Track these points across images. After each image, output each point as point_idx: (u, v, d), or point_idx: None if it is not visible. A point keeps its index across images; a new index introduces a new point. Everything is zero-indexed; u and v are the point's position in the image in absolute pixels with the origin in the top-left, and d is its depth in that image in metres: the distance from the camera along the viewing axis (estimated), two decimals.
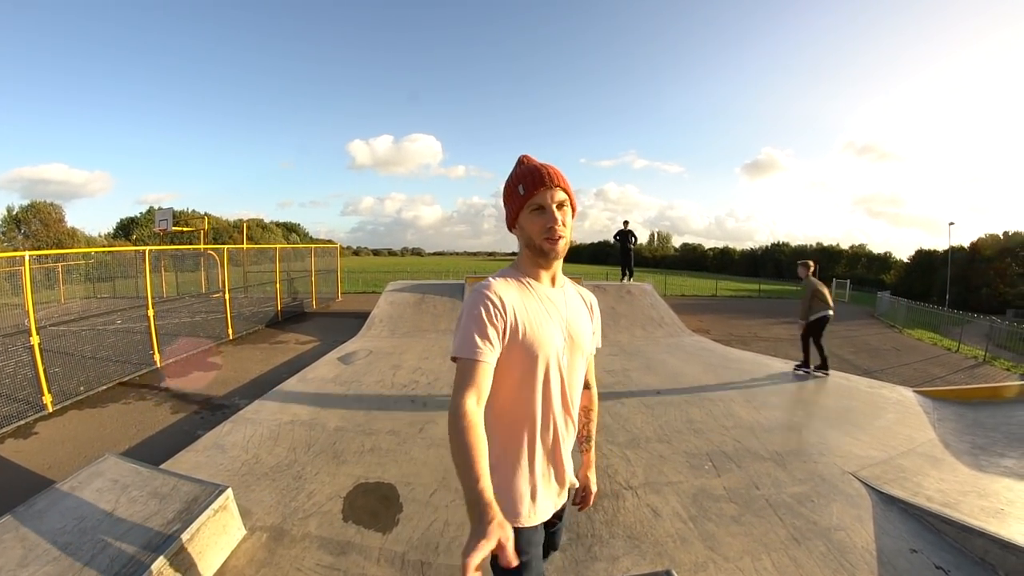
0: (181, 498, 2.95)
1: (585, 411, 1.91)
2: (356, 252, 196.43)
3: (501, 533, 1.20)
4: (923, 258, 52.11)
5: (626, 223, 14.14)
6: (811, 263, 8.15)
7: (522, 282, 1.59)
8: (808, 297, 7.75)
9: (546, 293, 1.60)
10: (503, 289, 1.51)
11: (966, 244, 48.30)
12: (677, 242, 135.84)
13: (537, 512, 1.60)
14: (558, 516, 1.78)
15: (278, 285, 14.37)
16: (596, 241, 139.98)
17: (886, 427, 5.01)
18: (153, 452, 5.16)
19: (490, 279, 1.56)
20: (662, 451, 4.42)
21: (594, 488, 1.94)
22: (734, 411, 5.33)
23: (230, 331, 11.70)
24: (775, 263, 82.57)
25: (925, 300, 23.95)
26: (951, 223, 34.93)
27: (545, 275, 1.63)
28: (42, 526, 2.73)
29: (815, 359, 7.56)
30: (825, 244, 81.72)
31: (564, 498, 1.73)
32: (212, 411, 6.69)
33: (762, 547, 3.04)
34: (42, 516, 2.82)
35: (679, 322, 11.71)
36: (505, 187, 1.60)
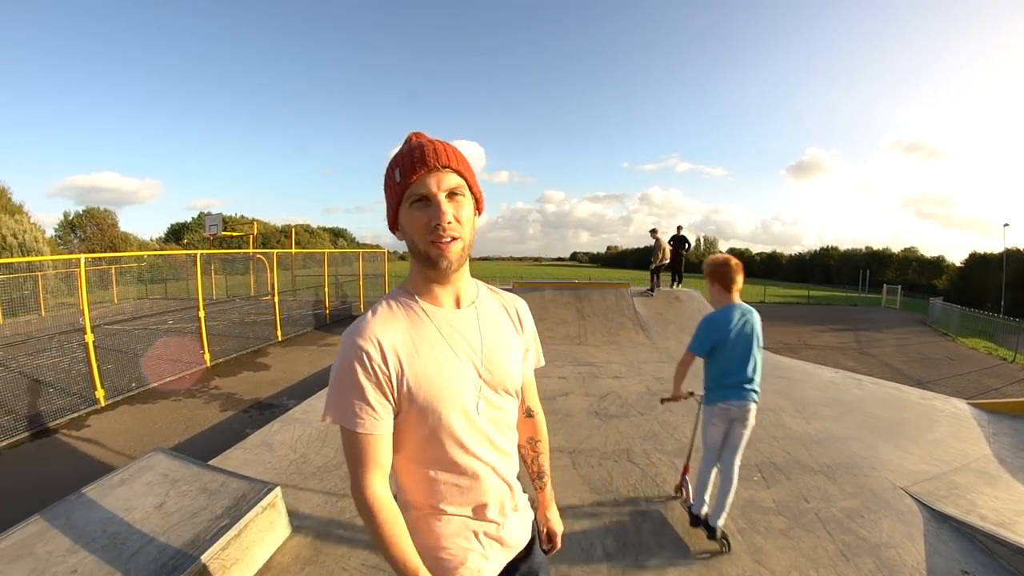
0: (230, 494, 3.01)
1: (531, 443, 1.59)
2: (402, 257, 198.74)
3: None
4: (977, 262, 49.84)
5: (679, 228, 13.95)
6: (657, 229, 13.12)
7: (414, 310, 1.22)
8: (658, 250, 12.69)
9: (448, 320, 1.24)
10: (383, 331, 1.16)
11: (1023, 247, 46.22)
12: (723, 247, 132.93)
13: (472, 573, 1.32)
14: (521, 559, 1.47)
15: (326, 288, 14.71)
16: (642, 246, 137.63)
17: (939, 441, 4.82)
18: (202, 448, 5.31)
19: (368, 316, 1.20)
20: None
21: (558, 529, 1.63)
22: (784, 421, 5.22)
23: (279, 332, 12.00)
24: (824, 268, 79.87)
25: (979, 306, 22.92)
26: (1006, 224, 33.18)
27: (444, 294, 1.25)
28: (91, 515, 2.78)
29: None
30: (875, 248, 78.32)
31: (514, 549, 1.41)
32: (260, 410, 6.87)
33: (810, 563, 2.96)
34: (92, 506, 2.88)
35: None
36: (384, 178, 1.20)
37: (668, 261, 13.11)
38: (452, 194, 1.13)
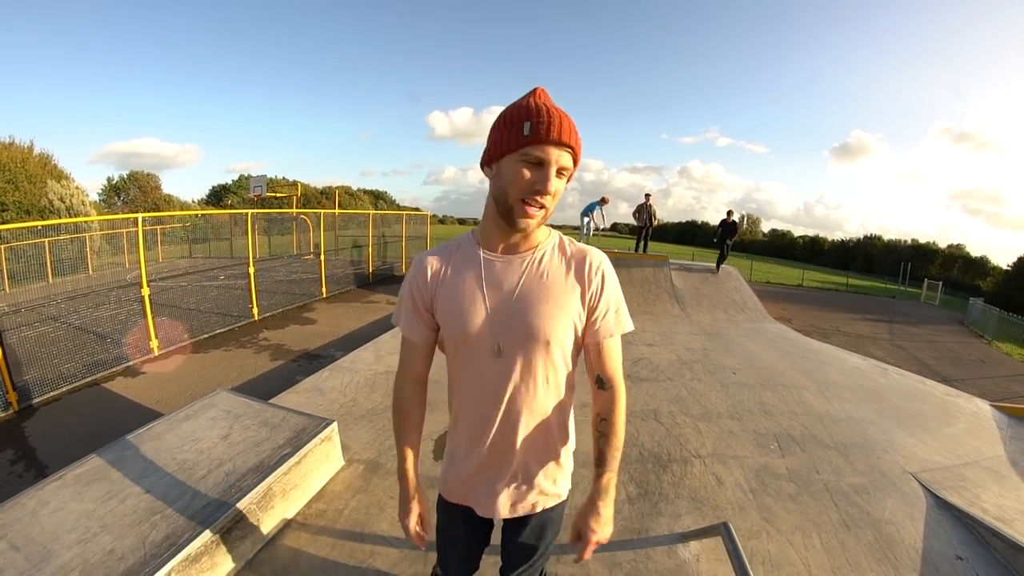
0: (290, 428, 3.29)
1: (597, 420, 1.41)
2: (442, 220, 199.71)
3: (416, 508, 1.47)
4: None
5: (730, 213, 13.78)
6: (650, 195, 13.95)
7: (470, 250, 1.35)
8: (647, 215, 13.75)
9: (492, 265, 1.31)
10: (435, 261, 1.36)
11: None
12: (765, 227, 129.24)
13: (453, 491, 1.49)
14: (511, 535, 1.52)
15: (370, 249, 15.18)
16: (682, 220, 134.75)
17: (955, 436, 4.87)
18: (254, 392, 5.47)
19: (433, 249, 1.41)
20: (732, 427, 4.52)
21: (598, 536, 1.35)
22: (805, 399, 5.32)
23: (324, 290, 12.44)
24: (866, 257, 77.29)
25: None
26: None
27: (502, 242, 1.31)
28: (161, 446, 3.01)
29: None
30: (920, 241, 75.31)
31: (499, 508, 1.42)
32: (309, 360, 7.25)
33: (813, 526, 3.14)
34: (160, 438, 3.09)
35: (762, 308, 11.60)
36: (503, 116, 1.21)
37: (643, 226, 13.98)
38: (560, 170, 1.17)
